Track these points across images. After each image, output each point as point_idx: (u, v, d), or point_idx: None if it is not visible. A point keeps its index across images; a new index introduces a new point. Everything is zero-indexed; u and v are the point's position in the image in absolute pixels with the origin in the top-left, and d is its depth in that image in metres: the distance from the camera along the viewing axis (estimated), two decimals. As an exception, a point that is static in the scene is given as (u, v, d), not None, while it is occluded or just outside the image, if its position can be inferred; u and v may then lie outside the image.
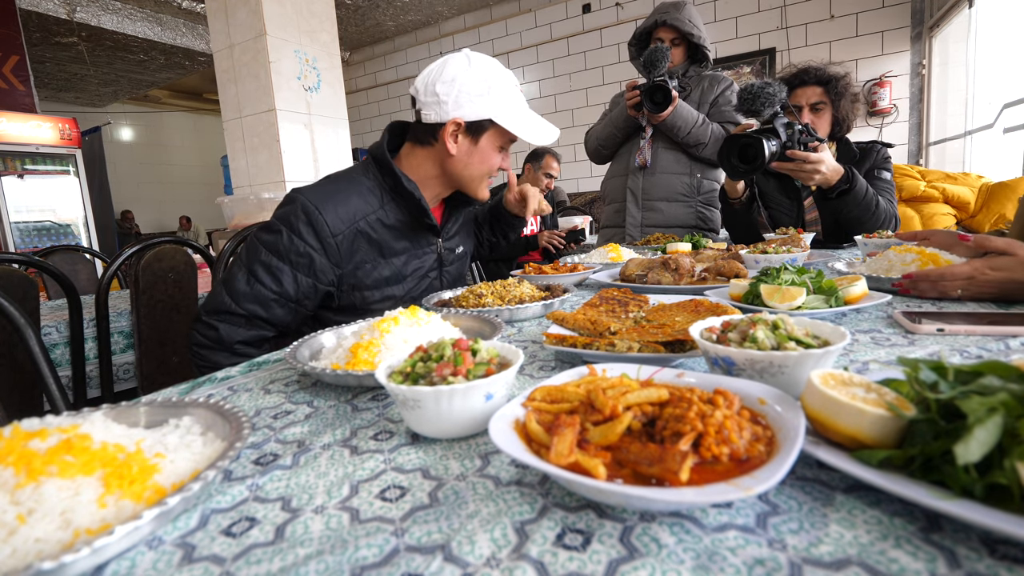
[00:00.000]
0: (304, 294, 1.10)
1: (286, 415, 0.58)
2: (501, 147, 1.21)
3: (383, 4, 6.66)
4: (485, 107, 1.13)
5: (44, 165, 5.45)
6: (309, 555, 0.33)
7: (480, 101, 1.12)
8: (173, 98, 10.16)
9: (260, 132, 4.07)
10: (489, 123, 1.15)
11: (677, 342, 0.61)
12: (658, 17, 2.06)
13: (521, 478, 0.40)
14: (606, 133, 2.22)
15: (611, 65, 6.24)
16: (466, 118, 1.13)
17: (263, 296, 1.07)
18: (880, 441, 0.35)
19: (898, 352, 0.63)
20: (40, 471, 0.36)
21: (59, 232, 5.54)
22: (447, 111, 1.12)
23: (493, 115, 1.14)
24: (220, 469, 0.39)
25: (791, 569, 0.29)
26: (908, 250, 1.01)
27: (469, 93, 1.11)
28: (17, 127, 5.16)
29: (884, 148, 1.81)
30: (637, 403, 0.40)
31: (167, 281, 1.81)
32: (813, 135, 1.55)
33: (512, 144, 1.23)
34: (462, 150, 1.17)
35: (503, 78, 1.15)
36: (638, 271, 1.18)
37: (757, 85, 1.52)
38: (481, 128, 1.16)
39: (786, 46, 5.33)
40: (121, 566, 0.34)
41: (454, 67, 1.12)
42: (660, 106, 1.94)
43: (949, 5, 4.26)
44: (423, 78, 1.15)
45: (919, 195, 3.47)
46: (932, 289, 0.88)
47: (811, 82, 1.80)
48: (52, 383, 1.00)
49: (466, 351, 0.50)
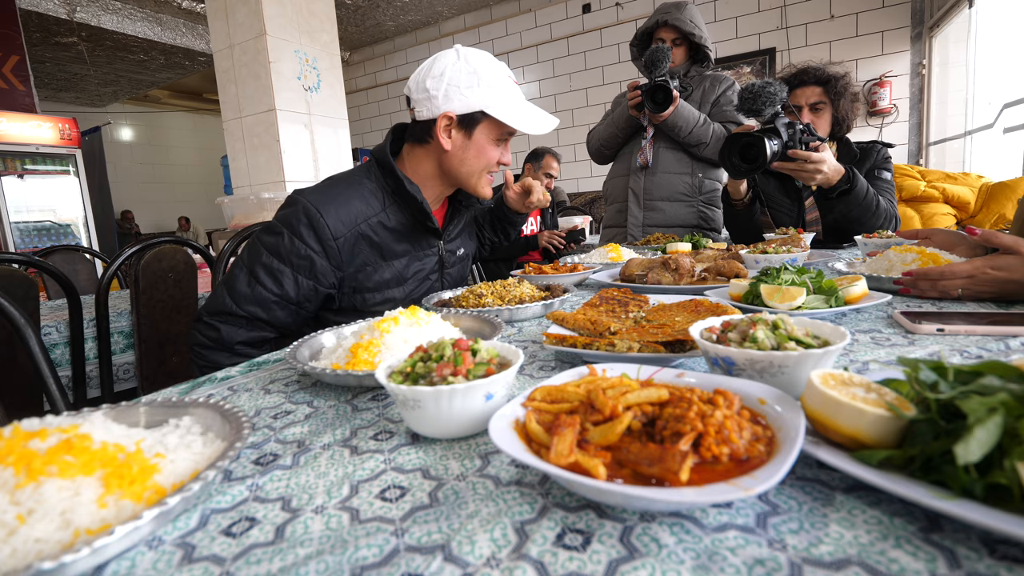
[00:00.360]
0: (305, 296, 1.10)
1: (286, 415, 0.58)
2: (498, 140, 1.19)
3: (383, 4, 6.66)
4: (475, 99, 1.12)
5: (44, 165, 5.45)
6: (309, 555, 0.33)
7: (470, 93, 1.11)
8: (173, 98, 10.16)
9: (260, 132, 4.07)
10: (481, 115, 1.14)
11: (677, 342, 0.61)
12: (659, 17, 2.07)
13: (521, 478, 0.40)
14: (608, 133, 2.23)
15: (611, 65, 6.24)
16: (456, 111, 1.12)
17: (264, 298, 1.07)
18: (880, 441, 0.35)
19: (898, 352, 0.63)
20: (40, 471, 0.36)
21: (59, 232, 5.54)
22: (437, 105, 1.11)
23: (484, 106, 1.12)
24: (220, 469, 0.39)
25: (791, 569, 0.29)
26: (909, 250, 1.01)
27: (458, 86, 1.10)
28: (17, 127, 5.16)
29: (884, 148, 1.81)
30: (637, 403, 0.40)
31: (167, 281, 1.81)
32: (814, 135, 1.55)
33: (512, 137, 1.22)
34: (456, 145, 1.16)
35: (494, 69, 1.14)
36: (638, 271, 1.18)
37: (758, 85, 1.52)
38: (473, 121, 1.14)
39: (786, 46, 5.33)
40: (121, 566, 0.34)
41: (443, 62, 1.11)
42: (661, 106, 1.94)
43: (949, 5, 4.26)
44: (415, 76, 1.15)
45: (919, 195, 3.47)
46: (932, 288, 0.88)
47: (810, 82, 1.80)
48: (52, 383, 1.00)
49: (466, 351, 0.50)
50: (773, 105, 1.51)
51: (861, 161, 1.79)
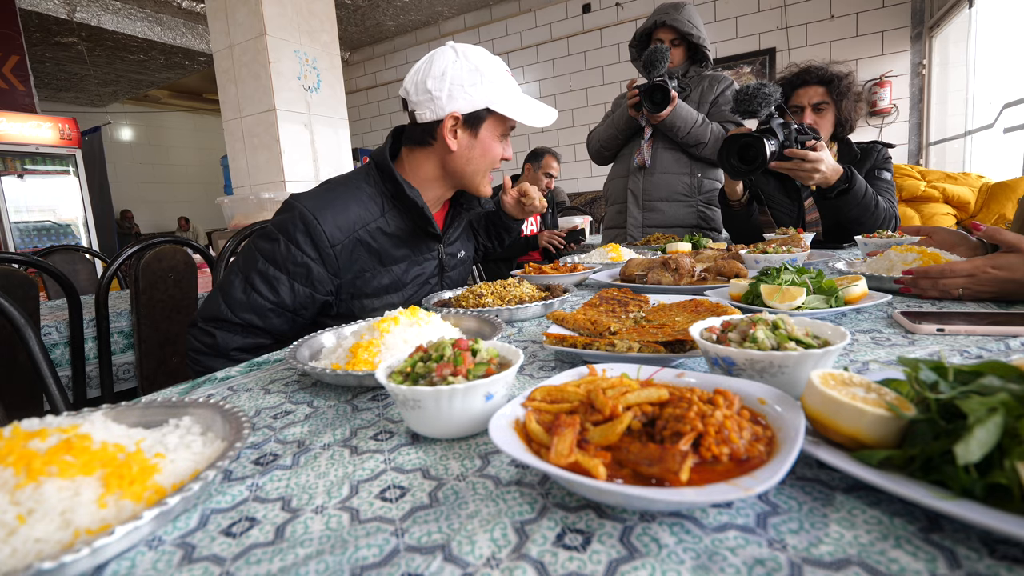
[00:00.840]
0: (301, 304, 1.08)
1: (286, 415, 0.58)
2: (502, 135, 1.18)
3: (383, 4, 6.66)
4: (480, 96, 1.10)
5: (44, 165, 5.45)
6: (309, 555, 0.33)
7: (474, 91, 1.09)
8: (173, 98, 10.16)
9: (260, 132, 4.07)
10: (486, 112, 1.13)
11: (677, 342, 0.61)
12: (658, 18, 2.09)
13: (521, 478, 0.40)
14: (607, 134, 2.25)
15: (611, 65, 6.24)
16: (462, 111, 1.10)
17: (259, 305, 1.05)
18: (880, 441, 0.35)
19: (898, 352, 0.63)
20: (40, 471, 0.36)
21: (59, 232, 5.54)
22: (442, 106, 1.09)
23: (489, 103, 1.11)
24: (220, 469, 0.39)
25: (791, 569, 0.29)
26: (909, 249, 1.01)
27: (462, 84, 1.08)
28: (17, 127, 5.16)
29: (885, 148, 1.81)
30: (637, 403, 0.40)
31: (167, 281, 1.81)
32: (810, 133, 1.55)
33: (512, 131, 1.21)
34: (463, 145, 1.14)
35: (493, 64, 1.13)
36: (638, 271, 1.18)
37: (753, 86, 1.52)
38: (479, 119, 1.13)
39: (786, 46, 5.33)
40: (121, 566, 0.34)
41: (442, 61, 1.09)
42: (659, 106, 1.95)
43: (949, 5, 4.26)
44: (412, 77, 1.13)
45: (919, 195, 3.47)
46: (933, 287, 0.87)
47: (813, 81, 1.79)
48: (52, 383, 0.99)
49: (466, 351, 0.50)
50: (768, 106, 1.52)
51: (861, 161, 1.79)
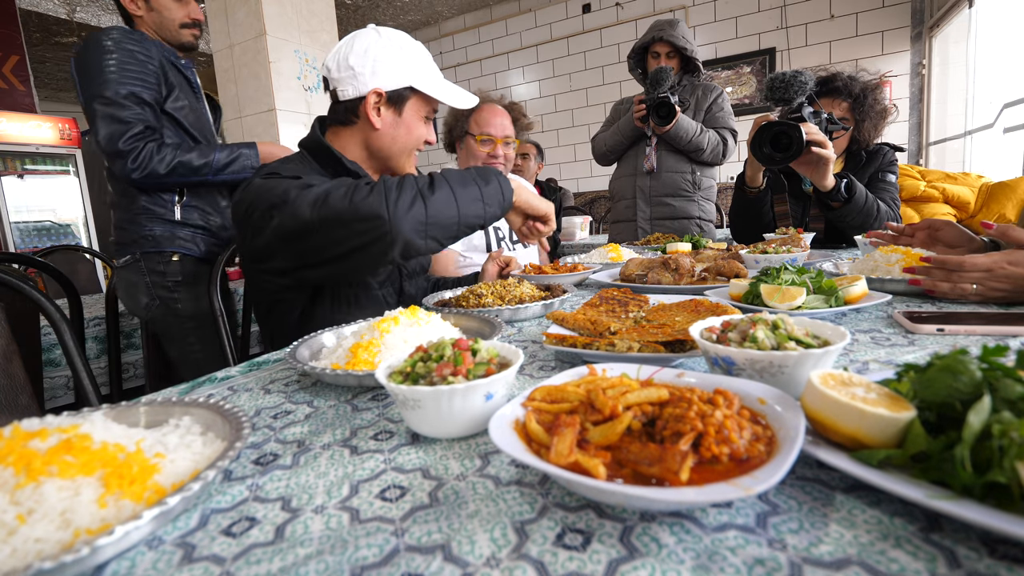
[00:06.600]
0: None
1: (286, 415, 0.58)
2: (426, 117, 1.19)
3: (383, 4, 6.66)
4: (404, 75, 1.11)
5: (44, 165, 5.45)
6: (309, 555, 0.33)
7: (397, 69, 1.10)
8: (173, 98, 10.14)
9: (260, 132, 4.06)
10: (410, 92, 1.14)
11: (677, 342, 0.61)
12: (655, 34, 2.32)
13: (521, 478, 0.40)
14: (614, 141, 2.49)
15: (611, 65, 6.24)
16: (386, 87, 1.11)
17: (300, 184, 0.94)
18: (880, 441, 0.35)
19: (898, 352, 0.63)
20: (40, 471, 0.36)
21: (59, 232, 5.54)
22: (365, 82, 1.10)
23: (413, 82, 1.12)
24: (220, 469, 0.39)
25: (791, 569, 0.29)
26: (895, 250, 1.01)
27: (385, 61, 1.09)
28: (17, 127, 5.15)
29: (891, 151, 1.80)
30: (637, 403, 0.40)
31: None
32: (838, 124, 1.56)
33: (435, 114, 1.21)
34: (387, 123, 1.15)
35: (416, 47, 1.15)
36: (638, 271, 1.18)
37: (789, 73, 1.50)
38: (402, 98, 1.14)
39: (786, 46, 5.32)
40: (121, 566, 0.34)
41: (364, 39, 1.10)
42: (665, 119, 2.19)
43: (949, 5, 4.25)
44: (334, 55, 1.13)
45: (919, 195, 3.47)
46: (947, 279, 0.84)
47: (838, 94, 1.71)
48: (85, 377, 1.05)
49: (466, 351, 0.50)
50: (803, 94, 1.50)
51: (867, 163, 1.78)
